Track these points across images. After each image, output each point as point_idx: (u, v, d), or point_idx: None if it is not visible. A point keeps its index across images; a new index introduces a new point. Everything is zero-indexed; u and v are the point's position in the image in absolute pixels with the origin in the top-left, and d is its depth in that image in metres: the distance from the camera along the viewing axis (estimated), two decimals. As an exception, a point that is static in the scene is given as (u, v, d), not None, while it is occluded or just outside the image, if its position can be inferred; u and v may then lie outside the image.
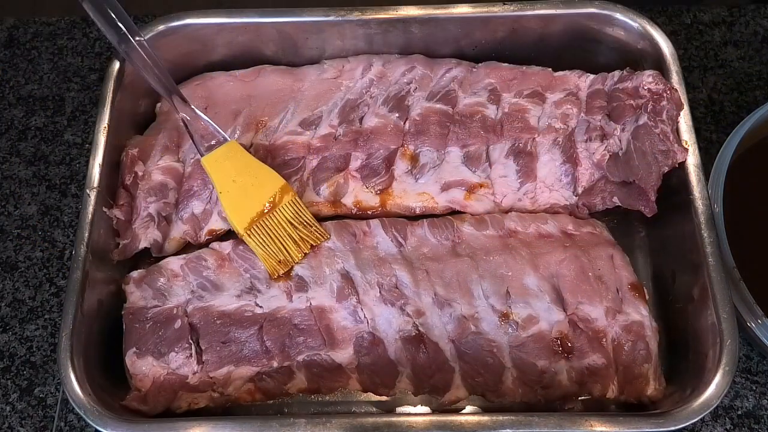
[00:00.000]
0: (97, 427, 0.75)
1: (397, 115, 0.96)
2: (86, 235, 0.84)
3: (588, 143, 0.92)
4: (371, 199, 0.93)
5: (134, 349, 0.83)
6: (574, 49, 1.00)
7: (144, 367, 0.82)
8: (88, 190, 0.87)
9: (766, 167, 0.95)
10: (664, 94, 0.87)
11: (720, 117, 1.04)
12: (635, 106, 0.89)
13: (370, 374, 0.83)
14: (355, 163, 0.94)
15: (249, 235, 0.86)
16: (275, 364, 0.83)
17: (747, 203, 0.92)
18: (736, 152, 0.89)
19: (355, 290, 0.85)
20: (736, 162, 0.89)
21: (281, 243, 0.87)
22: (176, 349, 0.83)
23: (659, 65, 0.92)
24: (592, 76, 0.96)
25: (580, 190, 0.91)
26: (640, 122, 0.87)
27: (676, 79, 0.91)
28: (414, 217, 0.92)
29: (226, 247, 0.89)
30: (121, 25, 0.86)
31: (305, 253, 0.87)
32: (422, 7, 0.96)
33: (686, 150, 0.86)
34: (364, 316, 0.84)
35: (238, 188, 0.87)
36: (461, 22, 0.97)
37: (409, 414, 0.84)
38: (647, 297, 0.87)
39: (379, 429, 0.75)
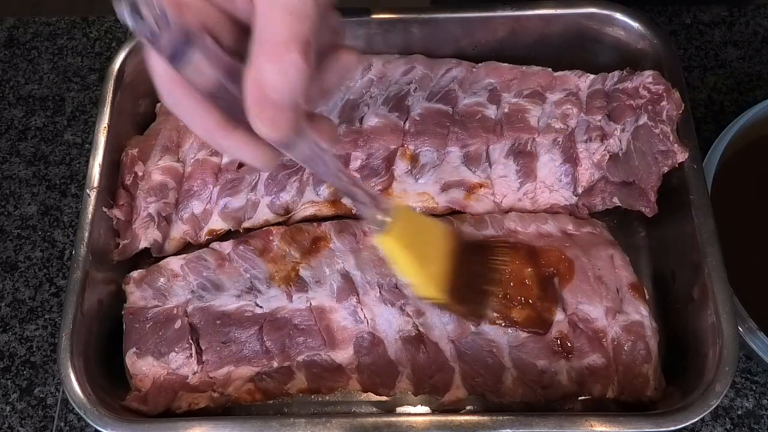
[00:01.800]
0: (97, 427, 0.75)
1: (397, 115, 0.96)
2: (86, 235, 0.84)
3: (588, 143, 0.92)
4: (371, 199, 0.93)
5: (134, 349, 0.83)
6: (574, 49, 0.99)
7: (144, 367, 0.82)
8: (88, 190, 0.87)
9: (765, 167, 0.94)
10: (664, 94, 0.87)
11: (720, 117, 1.04)
12: (635, 106, 0.89)
13: (370, 374, 0.83)
14: (355, 163, 0.94)
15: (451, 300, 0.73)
16: (275, 364, 0.83)
17: (747, 203, 0.91)
18: (734, 150, 0.89)
19: (356, 290, 0.85)
20: (733, 160, 0.89)
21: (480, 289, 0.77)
22: (176, 349, 0.83)
23: (659, 65, 0.92)
24: (592, 76, 0.96)
25: (580, 190, 0.91)
26: (640, 122, 0.87)
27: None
28: (414, 217, 0.92)
29: (226, 247, 0.89)
30: None
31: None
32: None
33: (686, 150, 0.86)
34: (364, 317, 0.84)
35: (422, 257, 0.70)
36: (461, 22, 0.96)
37: (409, 414, 0.84)
38: (647, 297, 0.87)
39: (379, 429, 0.75)
